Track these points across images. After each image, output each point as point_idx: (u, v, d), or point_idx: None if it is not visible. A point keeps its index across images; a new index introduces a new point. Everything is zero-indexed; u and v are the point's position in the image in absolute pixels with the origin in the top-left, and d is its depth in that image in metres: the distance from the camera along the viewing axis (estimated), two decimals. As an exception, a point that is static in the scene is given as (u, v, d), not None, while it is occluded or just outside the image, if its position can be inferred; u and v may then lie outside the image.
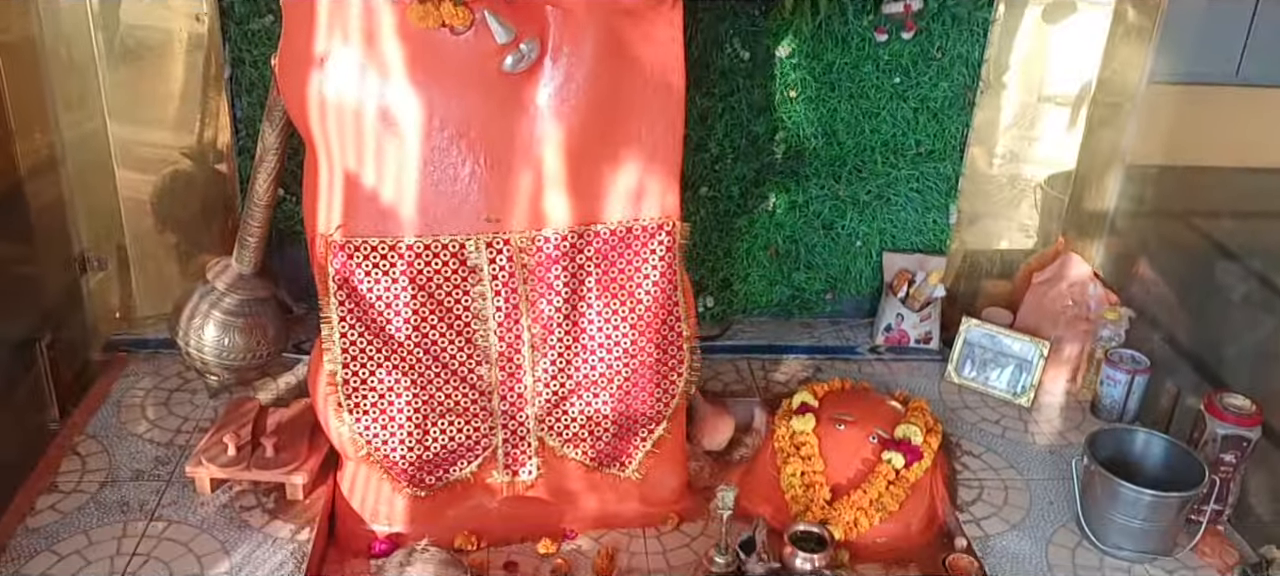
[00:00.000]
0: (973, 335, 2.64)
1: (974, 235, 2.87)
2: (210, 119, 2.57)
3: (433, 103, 1.96)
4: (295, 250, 2.65)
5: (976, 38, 2.53)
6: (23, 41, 2.34)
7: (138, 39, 2.45)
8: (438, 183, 2.01)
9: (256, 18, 2.40)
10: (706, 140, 2.60)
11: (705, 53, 2.50)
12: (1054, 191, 2.84)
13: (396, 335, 2.06)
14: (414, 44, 1.91)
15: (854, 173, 2.68)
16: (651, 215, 2.12)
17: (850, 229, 2.76)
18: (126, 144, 2.55)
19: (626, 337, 2.13)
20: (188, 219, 2.65)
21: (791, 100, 2.58)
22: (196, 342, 2.27)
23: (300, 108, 1.97)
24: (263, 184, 2.20)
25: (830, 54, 2.51)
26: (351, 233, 2.02)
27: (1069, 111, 2.74)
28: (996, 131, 2.73)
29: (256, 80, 2.48)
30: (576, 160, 2.04)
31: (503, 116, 2.00)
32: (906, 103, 2.60)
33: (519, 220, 2.06)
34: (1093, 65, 2.68)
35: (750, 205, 2.70)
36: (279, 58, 2.02)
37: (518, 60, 1.94)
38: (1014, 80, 2.65)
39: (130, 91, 2.49)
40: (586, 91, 2.00)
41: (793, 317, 2.89)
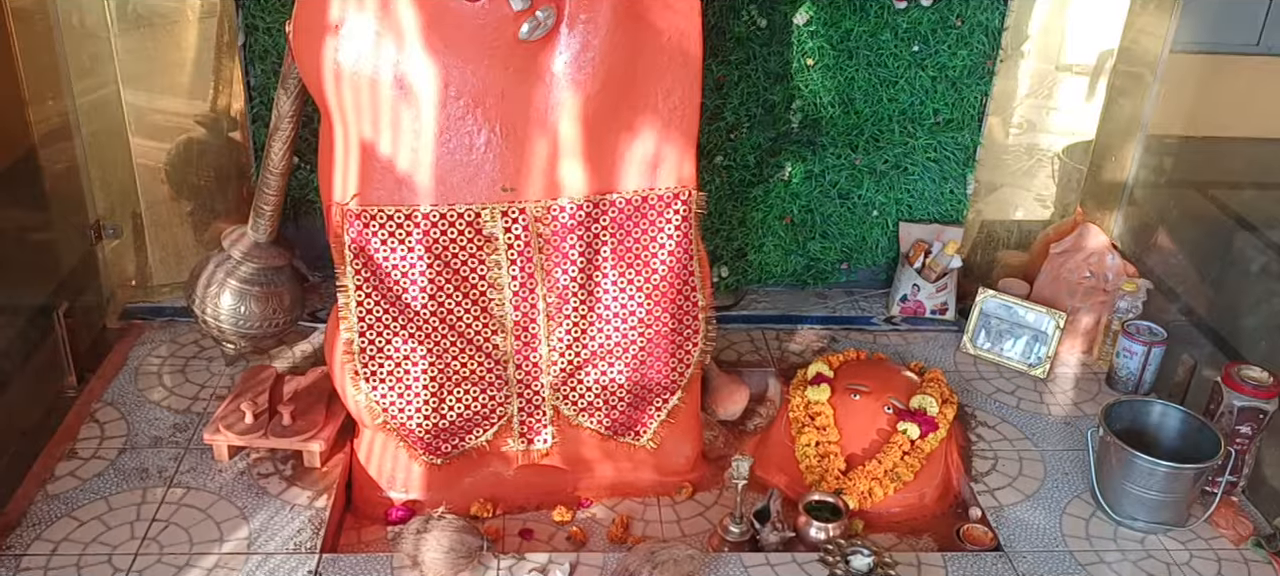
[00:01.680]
0: (989, 306, 2.63)
1: (991, 205, 2.85)
2: (223, 86, 2.56)
3: (448, 71, 1.94)
4: (310, 219, 2.65)
5: (996, 6, 2.50)
6: (35, 7, 2.33)
7: (150, 5, 2.43)
8: (453, 151, 2.00)
9: (270, -17, 2.39)
10: (722, 108, 2.58)
11: (721, 19, 2.47)
12: (1072, 161, 2.82)
13: (412, 304, 2.06)
14: (429, 11, 1.90)
15: (871, 142, 2.66)
16: (668, 184, 2.11)
17: (866, 199, 2.74)
18: (140, 111, 2.54)
19: (642, 307, 2.13)
20: (202, 186, 2.65)
21: (808, 68, 2.55)
22: (213, 310, 2.28)
23: (315, 75, 1.96)
24: (278, 152, 2.19)
25: (848, 21, 2.49)
26: (367, 201, 2.02)
27: (1088, 81, 2.71)
28: (1014, 100, 2.70)
29: (269, 47, 2.46)
30: (592, 129, 2.03)
31: (518, 84, 1.98)
32: (925, 71, 2.57)
33: (534, 189, 2.05)
34: (1113, 34, 2.64)
35: (766, 174, 2.68)
36: (294, 24, 2.01)
37: (534, 27, 1.92)
38: (1033, 48, 2.62)
39: (143, 58, 2.48)
40: (603, 59, 1.98)
41: (808, 287, 2.88)
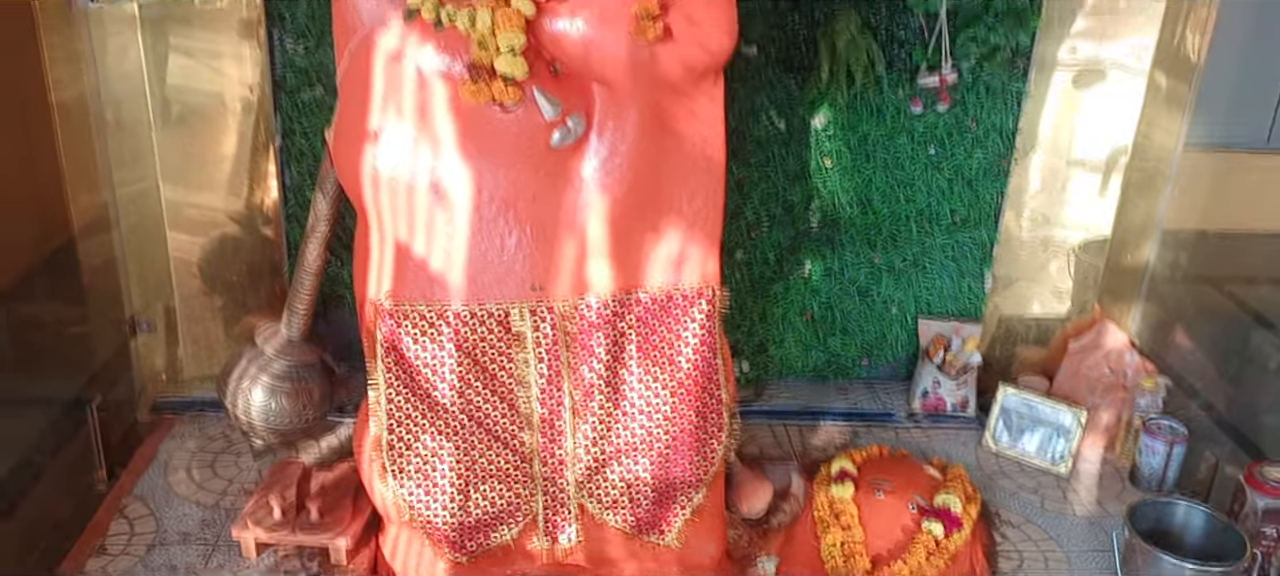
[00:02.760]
0: (1010, 402, 2.64)
1: (1008, 300, 2.89)
2: (258, 184, 2.64)
3: (482, 175, 2.01)
4: (340, 312, 2.70)
5: (1010, 109, 2.58)
6: (78, 101, 2.41)
7: (190, 103, 2.52)
8: (485, 252, 2.06)
9: (307, 89, 2.47)
10: (742, 207, 2.64)
11: (741, 122, 2.55)
12: (1088, 257, 2.86)
13: (441, 400, 2.10)
14: (465, 119, 1.97)
15: (889, 240, 2.71)
16: (692, 282, 2.15)
17: (886, 295, 2.78)
18: (177, 206, 2.62)
19: (666, 403, 2.16)
20: (235, 282, 2.71)
21: (827, 169, 2.62)
22: (244, 406, 2.32)
23: (354, 179, 2.03)
24: (313, 251, 2.25)
25: (865, 125, 2.56)
26: (400, 299, 2.07)
27: (1101, 176, 2.77)
28: (1028, 195, 2.75)
29: (305, 149, 2.55)
30: (619, 230, 2.09)
31: (549, 188, 2.05)
32: (941, 172, 2.64)
33: (562, 287, 2.10)
34: (1125, 130, 2.71)
35: (786, 271, 2.73)
36: (334, 131, 2.09)
37: (565, 135, 2.00)
38: (1045, 143, 2.69)
39: (182, 154, 2.56)
40: (630, 164, 2.05)
41: (828, 382, 2.90)
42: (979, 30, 2.42)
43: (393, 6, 1.93)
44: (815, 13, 2.43)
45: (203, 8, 2.38)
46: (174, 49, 2.44)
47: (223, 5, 2.39)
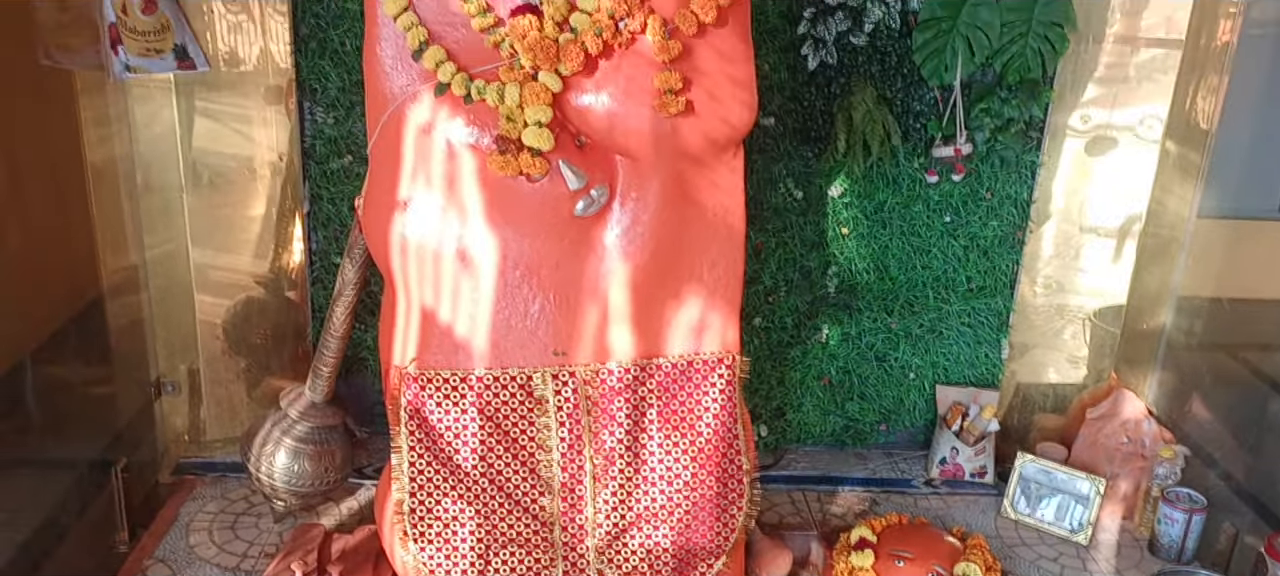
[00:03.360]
0: (1028, 470, 2.64)
1: (1025, 367, 2.90)
2: (285, 248, 2.68)
3: (507, 243, 2.05)
4: (362, 376, 2.73)
5: (1024, 180, 2.62)
6: (111, 163, 2.46)
7: (219, 167, 2.56)
8: (509, 318, 2.09)
9: (335, 158, 2.53)
10: (760, 273, 2.67)
11: (759, 191, 2.59)
12: (1104, 324, 2.88)
13: (463, 465, 2.11)
14: (492, 189, 2.02)
15: (906, 307, 2.74)
16: (712, 349, 2.18)
17: (903, 361, 2.80)
18: (204, 268, 2.66)
19: (687, 470, 2.17)
20: (258, 344, 2.75)
21: (843, 237, 2.66)
22: (267, 469, 2.34)
23: (383, 246, 2.08)
24: (340, 316, 2.29)
25: (881, 194, 2.61)
26: (425, 365, 2.10)
27: (1115, 243, 2.79)
28: (1042, 261, 2.78)
29: (332, 215, 2.60)
30: (641, 296, 2.12)
31: (572, 256, 2.09)
32: (956, 240, 2.67)
33: (584, 353, 2.13)
34: (1139, 198, 2.73)
35: (804, 336, 2.76)
36: (364, 199, 2.14)
37: (588, 205, 2.04)
38: (1059, 211, 2.72)
39: (211, 216, 2.60)
40: (652, 233, 2.09)
41: (847, 448, 2.91)
42: (993, 103, 2.47)
43: (424, 81, 1.99)
44: (832, 87, 2.49)
45: (231, 73, 2.45)
46: (203, 113, 2.50)
47: (250, 70, 2.46)
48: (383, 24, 1.98)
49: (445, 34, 1.98)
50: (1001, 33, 2.37)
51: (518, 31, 1.93)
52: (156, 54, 2.26)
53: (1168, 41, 2.56)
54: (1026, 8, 2.36)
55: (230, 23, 2.41)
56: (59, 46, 2.21)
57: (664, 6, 1.96)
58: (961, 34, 2.37)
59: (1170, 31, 2.55)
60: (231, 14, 2.39)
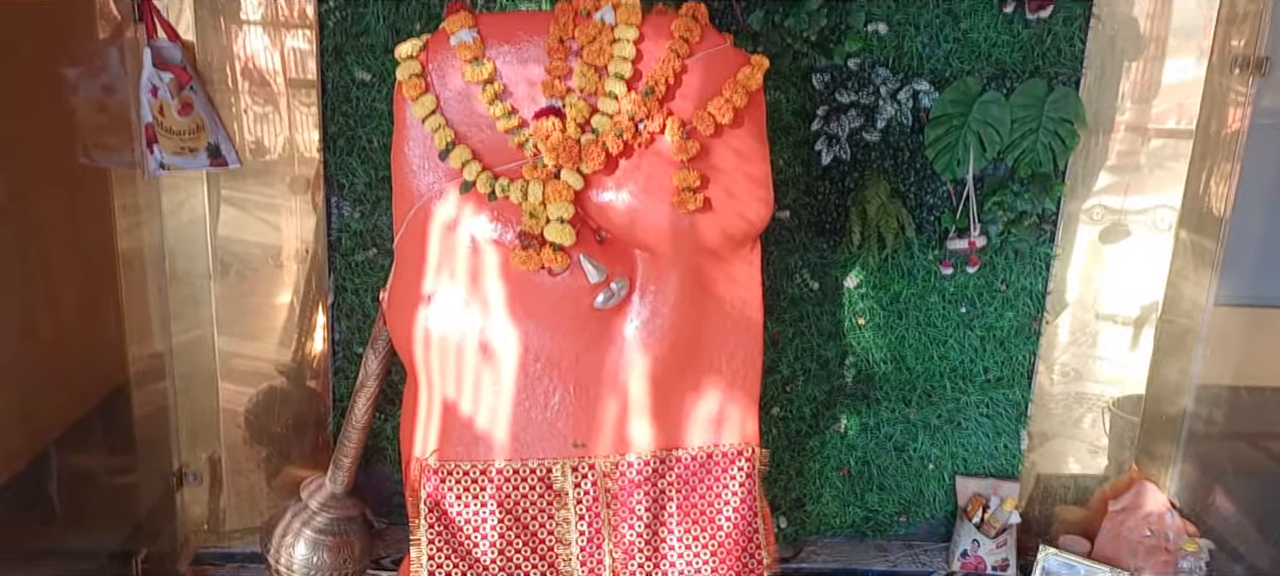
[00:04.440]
0: (1051, 564, 2.61)
1: (1045, 458, 2.88)
2: (308, 338, 2.72)
3: (529, 336, 2.09)
4: (380, 466, 2.74)
5: (1039, 271, 2.64)
6: (140, 251, 2.50)
7: (245, 255, 2.60)
8: (529, 410, 2.12)
9: (360, 250, 2.59)
10: (778, 362, 2.69)
11: (775, 281, 2.63)
12: (1124, 413, 2.86)
13: (482, 558, 2.11)
14: (515, 283, 2.06)
15: (924, 397, 2.74)
16: (732, 441, 2.19)
17: (922, 452, 2.79)
18: (228, 356, 2.69)
19: (707, 564, 2.16)
20: (279, 433, 2.77)
21: (860, 327, 2.68)
22: (287, 560, 2.34)
23: (406, 339, 2.11)
24: (362, 407, 2.32)
25: (897, 285, 2.63)
26: (445, 457, 2.12)
27: (1132, 331, 2.79)
28: (1058, 349, 2.78)
29: (356, 306, 2.64)
30: (661, 388, 2.14)
31: (592, 348, 2.12)
32: (973, 331, 2.69)
33: (604, 445, 2.14)
34: (1155, 286, 2.73)
35: (822, 426, 2.76)
36: (388, 292, 2.18)
37: (608, 298, 2.08)
38: (1074, 299, 2.72)
39: (236, 305, 2.64)
40: (671, 325, 2.12)
41: (867, 539, 2.88)
42: (1005, 197, 2.51)
43: (450, 179, 2.05)
44: (846, 181, 2.54)
45: (257, 162, 2.51)
46: (230, 201, 2.55)
47: (276, 159, 2.52)
48: (411, 125, 2.04)
49: (471, 134, 2.04)
50: (1012, 129, 2.43)
51: (541, 133, 1.99)
52: (190, 152, 2.33)
53: (1178, 132, 2.59)
54: (1036, 105, 2.42)
55: (257, 114, 2.48)
56: (97, 146, 2.29)
57: (682, 109, 2.02)
58: (973, 130, 2.43)
59: (1181, 119, 2.57)
60: (258, 105, 2.47)
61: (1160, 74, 2.52)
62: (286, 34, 2.41)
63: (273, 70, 2.43)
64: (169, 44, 2.27)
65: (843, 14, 2.40)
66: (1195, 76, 2.52)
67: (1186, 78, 2.52)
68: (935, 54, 2.45)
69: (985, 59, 2.44)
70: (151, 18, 2.26)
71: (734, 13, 2.39)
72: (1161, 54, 2.50)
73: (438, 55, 2.04)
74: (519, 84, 2.04)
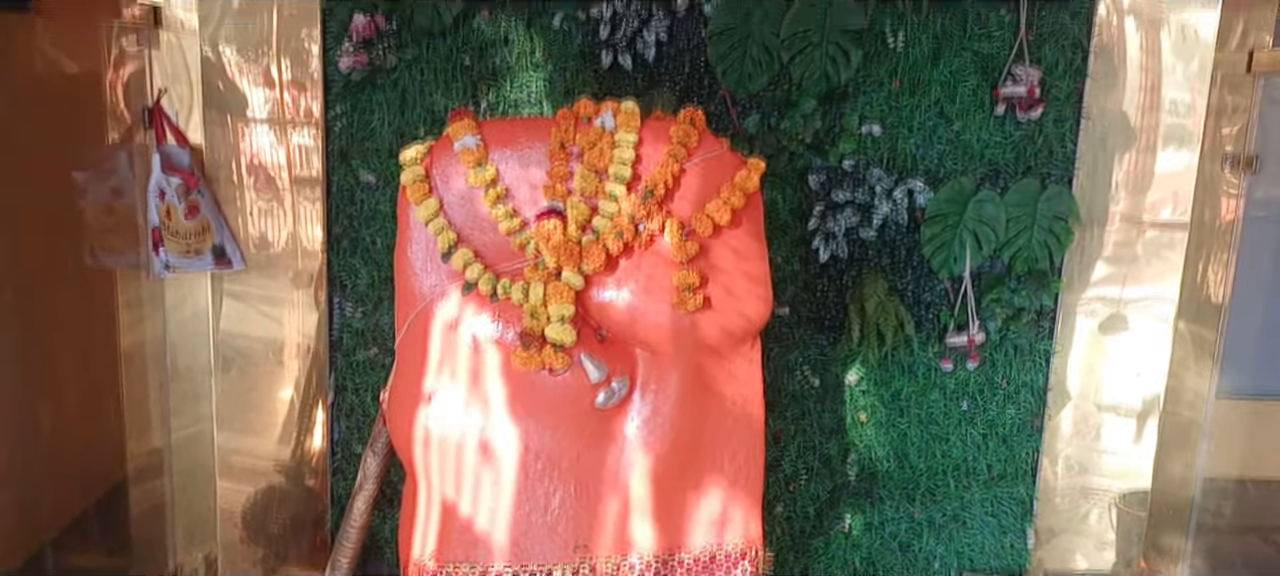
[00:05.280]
0: (1062, 665, 2.55)
1: (1053, 554, 2.84)
2: (307, 436, 2.71)
3: (529, 435, 2.08)
4: (378, 568, 2.70)
5: (1039, 367, 2.64)
6: (142, 347, 2.51)
7: (246, 350, 2.61)
8: (529, 511, 2.10)
9: (362, 349, 2.60)
10: (780, 460, 2.68)
11: (777, 378, 2.63)
12: (1130, 509, 2.83)
13: (481, 664, 2.07)
14: (515, 383, 2.07)
15: (928, 495, 2.72)
16: (735, 543, 2.17)
17: (928, 550, 2.75)
18: (226, 452, 2.68)
19: (710, 670, 2.11)
20: (277, 533, 2.74)
21: (862, 424, 2.67)
22: (281, 666, 2.29)
23: (406, 439, 2.11)
24: (360, 508, 2.30)
25: (898, 382, 2.63)
26: (444, 560, 2.09)
27: (1136, 423, 2.78)
28: (1062, 441, 2.76)
29: (356, 405, 2.64)
30: (662, 488, 2.13)
31: (593, 448, 2.11)
32: (975, 428, 2.68)
33: (605, 546, 2.12)
34: (1156, 378, 2.72)
35: (826, 526, 2.73)
36: (389, 392, 2.18)
37: (609, 397, 2.08)
38: (1076, 392, 2.71)
39: (236, 401, 2.63)
40: (672, 424, 2.11)
41: (872, 641, 2.82)
42: (1003, 293, 2.53)
43: (452, 280, 2.07)
44: (844, 277, 2.56)
45: (260, 256, 2.53)
46: (232, 294, 2.57)
47: (279, 253, 2.54)
48: (415, 228, 2.07)
49: (474, 236, 2.07)
50: (1007, 227, 2.46)
51: (543, 234, 2.02)
52: (196, 254, 2.36)
53: (1173, 223, 2.61)
54: (1030, 203, 2.45)
55: (261, 209, 2.52)
56: (103, 247, 2.32)
57: (681, 210, 2.05)
58: (968, 228, 2.46)
59: (1176, 209, 2.59)
60: (263, 200, 2.50)
61: (1152, 165, 2.55)
62: (292, 131, 2.47)
63: (278, 165, 2.47)
64: (178, 149, 2.32)
65: (837, 116, 2.46)
66: (1187, 166, 2.55)
67: (1179, 168, 2.55)
68: (929, 154, 2.49)
69: (978, 159, 2.49)
70: (161, 123, 2.32)
71: (730, 116, 2.45)
72: (1153, 146, 2.54)
73: (442, 159, 2.08)
74: (521, 187, 2.08)
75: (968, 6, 2.41)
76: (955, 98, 2.46)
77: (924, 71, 2.44)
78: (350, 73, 2.39)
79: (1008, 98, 2.43)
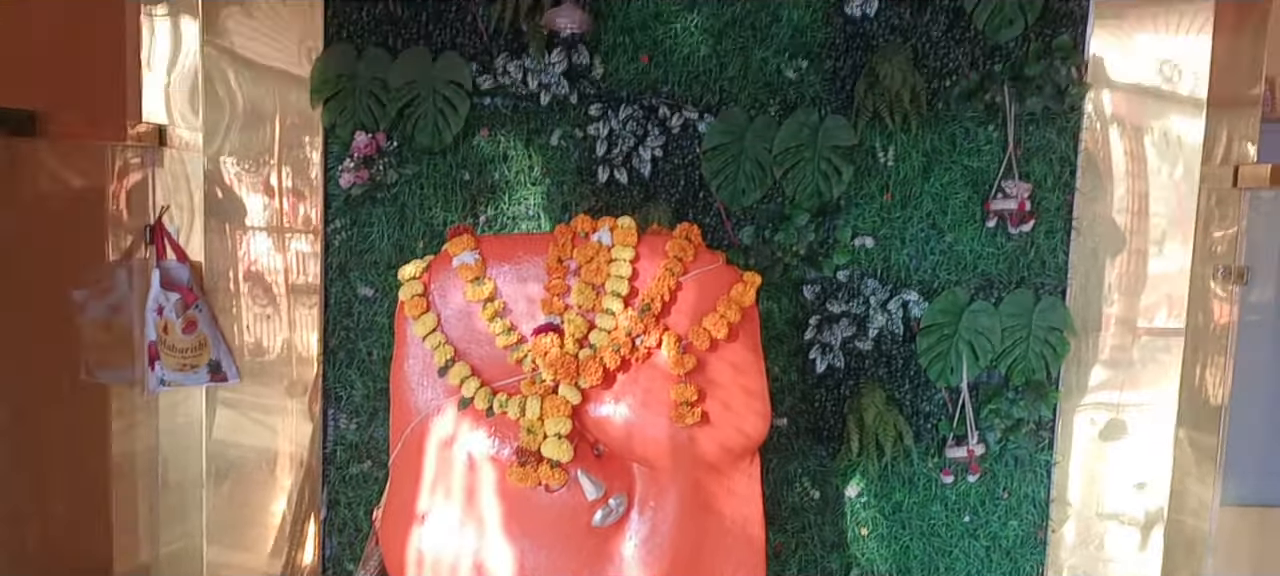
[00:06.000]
0: None
1: (1063, 673, 2.77)
2: (298, 551, 2.66)
3: (525, 554, 2.04)
4: (367, 690, 2.62)
5: (1041, 478, 2.62)
6: (133, 457, 2.47)
7: (239, 463, 2.57)
8: (524, 634, 2.04)
9: (355, 463, 2.57)
10: (782, 573, 2.62)
11: (776, 490, 2.60)
12: (1140, 626, 2.77)
13: None
14: (511, 500, 2.04)
15: (932, 611, 2.67)
16: (735, 666, 2.11)
17: (933, 669, 2.68)
18: (216, 567, 2.61)
19: None
20: (264, 653, 2.66)
21: (863, 537, 2.63)
22: None
23: (399, 560, 2.07)
24: (351, 630, 2.24)
25: (898, 494, 2.60)
26: (436, 686, 2.03)
27: (1140, 533, 2.73)
28: (1066, 552, 2.71)
29: (348, 520, 2.60)
30: (660, 609, 2.08)
31: (590, 567, 2.07)
32: (978, 541, 2.64)
33: (601, 671, 2.06)
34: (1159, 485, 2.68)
35: (828, 643, 2.66)
36: (382, 510, 2.15)
37: (607, 515, 2.05)
38: (1078, 500, 2.67)
39: (227, 513, 2.58)
40: (671, 542, 2.08)
41: None
42: (1001, 404, 2.53)
43: (448, 396, 2.06)
44: (842, 388, 2.55)
45: (254, 363, 2.51)
46: (226, 402, 2.54)
47: (274, 359, 2.53)
48: (412, 343, 2.08)
49: (471, 351, 2.07)
50: (1002, 338, 2.47)
51: (540, 349, 2.02)
52: (191, 369, 2.36)
53: (1168, 330, 2.60)
54: (1024, 314, 2.47)
55: (257, 314, 2.52)
56: (99, 364, 2.32)
57: (678, 323, 2.06)
58: (964, 339, 2.47)
59: (1171, 312, 2.58)
60: (259, 306, 2.51)
61: (1145, 270, 2.57)
62: (291, 240, 2.49)
63: (276, 271, 2.49)
64: (177, 264, 2.34)
65: (830, 229, 2.49)
66: (1180, 269, 2.55)
67: (1171, 270, 2.56)
68: (922, 266, 2.52)
69: (972, 270, 2.52)
70: (162, 240, 2.34)
71: (725, 228, 2.48)
72: (1144, 250, 2.55)
73: (440, 275, 2.09)
74: (518, 301, 2.09)
75: (956, 125, 2.47)
76: (947, 210, 2.49)
77: (915, 185, 2.49)
78: (350, 189, 2.43)
79: (999, 212, 2.47)
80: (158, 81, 2.43)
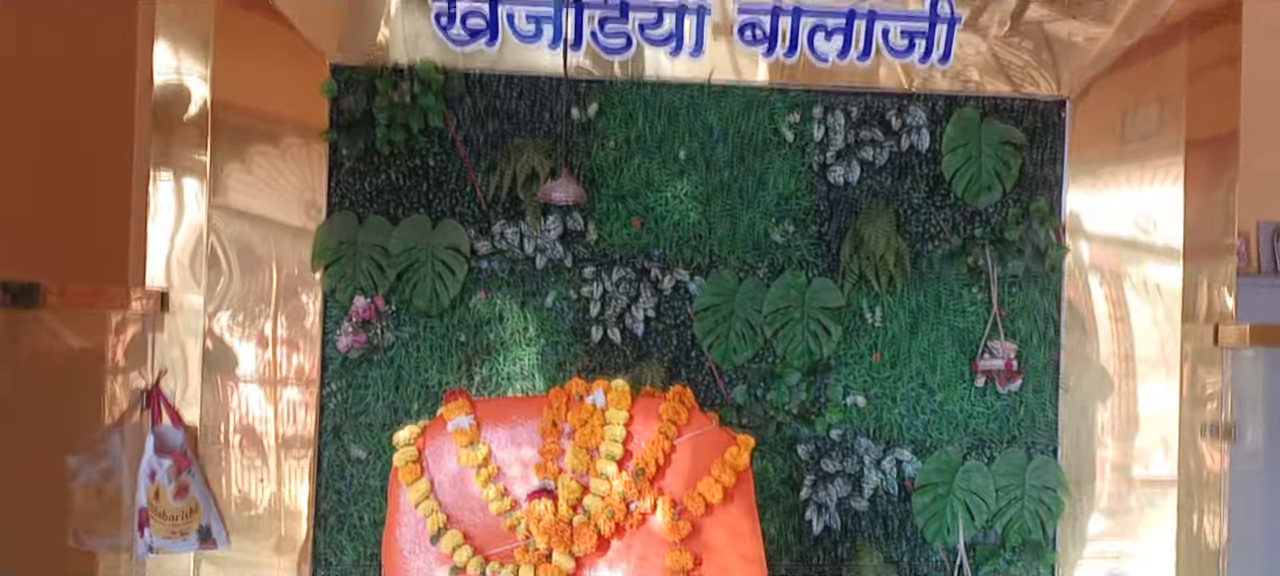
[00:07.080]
0: None
1: None
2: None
3: None
4: None
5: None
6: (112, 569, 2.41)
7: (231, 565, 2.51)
8: None
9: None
10: None
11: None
12: None
13: None
14: (503, 674, 1.99)
15: None
16: None
17: None
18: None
19: None
20: None
21: None
22: None
23: None
24: None
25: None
26: None
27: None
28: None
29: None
30: None
31: None
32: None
33: None
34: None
35: None
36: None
37: (601, 687, 1.99)
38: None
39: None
40: None
41: None
42: (999, 564, 2.50)
43: (441, 563, 2.04)
44: (838, 549, 2.52)
45: (242, 517, 2.46)
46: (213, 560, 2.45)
47: (262, 514, 2.48)
48: (405, 510, 2.06)
49: (464, 517, 2.06)
50: (997, 497, 2.47)
51: (533, 515, 2.01)
52: (181, 536, 2.32)
53: (1162, 480, 2.58)
54: (1017, 474, 2.48)
55: (246, 468, 2.49)
56: (87, 530, 2.29)
57: (673, 486, 2.06)
58: (959, 498, 2.47)
59: (1166, 456, 2.57)
60: (250, 461, 2.48)
61: (1135, 410, 2.58)
62: (285, 393, 2.49)
63: (267, 426, 2.48)
64: (172, 429, 2.34)
65: (821, 387, 2.52)
66: (1170, 410, 2.56)
67: (1161, 412, 2.56)
68: (914, 424, 2.54)
69: (963, 428, 2.54)
70: (158, 403, 2.35)
71: (718, 387, 2.51)
72: (1134, 392, 2.58)
73: (435, 439, 2.10)
74: (513, 465, 2.09)
75: (940, 285, 2.53)
76: (936, 369, 2.53)
77: (903, 344, 2.53)
78: (348, 352, 2.46)
79: (986, 370, 2.51)
80: (161, 246, 2.48)
